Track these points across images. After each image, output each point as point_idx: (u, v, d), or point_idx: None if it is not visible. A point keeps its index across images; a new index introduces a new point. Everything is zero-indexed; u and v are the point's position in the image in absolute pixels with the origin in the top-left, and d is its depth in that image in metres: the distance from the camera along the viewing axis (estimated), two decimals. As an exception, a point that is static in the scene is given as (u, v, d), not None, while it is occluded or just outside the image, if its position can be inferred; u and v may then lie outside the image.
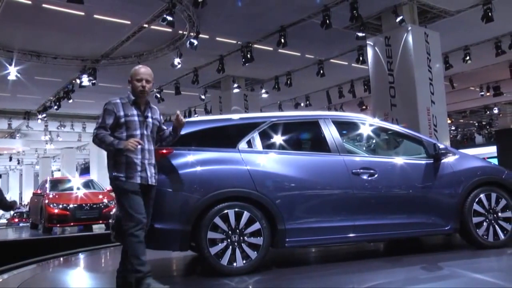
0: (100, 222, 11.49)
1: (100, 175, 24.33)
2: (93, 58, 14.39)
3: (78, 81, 15.26)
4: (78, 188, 12.85)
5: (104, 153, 3.92)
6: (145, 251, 3.67)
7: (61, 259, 6.71)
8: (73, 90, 16.58)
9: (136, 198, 3.69)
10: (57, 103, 17.85)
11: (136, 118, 3.83)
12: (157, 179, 3.93)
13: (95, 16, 11.18)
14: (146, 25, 11.88)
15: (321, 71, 15.53)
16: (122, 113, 3.79)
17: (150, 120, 3.94)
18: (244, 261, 4.17)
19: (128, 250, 3.65)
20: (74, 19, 11.18)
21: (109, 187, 14.37)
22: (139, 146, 3.73)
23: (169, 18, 10.26)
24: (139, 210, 3.65)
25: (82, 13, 10.91)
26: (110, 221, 4.84)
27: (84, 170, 37.61)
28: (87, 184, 13.85)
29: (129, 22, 11.71)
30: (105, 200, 11.80)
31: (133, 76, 3.91)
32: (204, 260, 4.17)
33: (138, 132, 3.82)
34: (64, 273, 5.79)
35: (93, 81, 14.74)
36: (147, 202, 3.82)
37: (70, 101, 17.07)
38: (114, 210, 4.96)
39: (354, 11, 10.60)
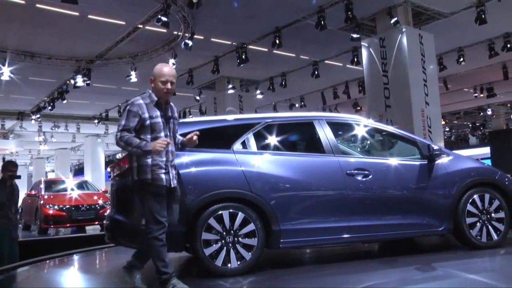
0: (96, 223, 11.47)
1: (94, 176, 24.27)
2: (87, 59, 14.33)
3: (72, 81, 15.16)
4: (72, 189, 12.82)
5: (98, 154, 3.91)
6: (167, 253, 3.67)
7: (56, 260, 6.68)
8: (67, 90, 16.48)
9: (161, 201, 3.66)
10: (51, 104, 17.74)
11: (160, 120, 3.74)
12: (177, 180, 3.90)
13: (90, 16, 11.13)
14: (140, 26, 11.84)
15: (316, 72, 15.55)
16: (147, 115, 3.68)
17: (171, 120, 3.88)
18: (238, 262, 4.17)
19: (151, 253, 3.65)
20: (68, 19, 11.12)
21: (103, 188, 14.38)
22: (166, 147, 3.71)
23: (164, 18, 10.22)
24: (163, 214, 3.64)
25: (77, 13, 10.85)
26: (104, 222, 4.83)
27: (78, 171, 37.44)
28: (82, 185, 13.83)
29: (123, 23, 11.68)
30: (100, 201, 11.78)
31: (157, 76, 3.76)
32: (199, 261, 4.17)
33: (162, 134, 3.74)
34: (58, 274, 5.76)
35: (88, 82, 14.66)
36: (170, 204, 3.81)
37: (64, 101, 16.97)
38: (108, 211, 4.95)
39: (349, 13, 10.62)
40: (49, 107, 18.05)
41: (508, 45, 13.66)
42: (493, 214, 4.98)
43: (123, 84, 16.41)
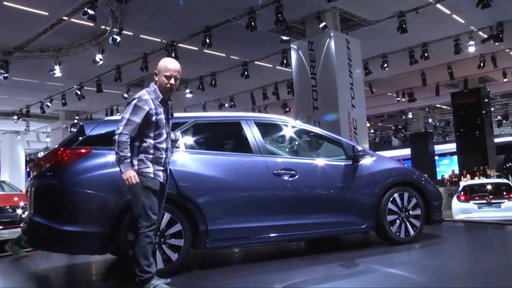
0: (20, 226, 10.74)
1: (13, 176, 22.82)
2: (4, 50, 13.41)
3: (-14, 74, 14.15)
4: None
5: (18, 152, 3.69)
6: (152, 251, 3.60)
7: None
8: (-18, 84, 15.42)
9: (156, 198, 3.59)
10: (-36, 98, 16.52)
11: (163, 116, 3.66)
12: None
13: (6, 3, 10.38)
14: (65, 18, 11.29)
15: (246, 73, 15.66)
16: (154, 111, 3.59)
17: (170, 117, 3.82)
18: (164, 263, 4.08)
19: (137, 249, 3.52)
20: (-19, 6, 10.36)
21: (24, 189, 13.53)
22: (164, 145, 3.66)
23: (91, 11, 9.83)
24: (155, 211, 3.58)
25: (-9, 0, 10.14)
26: (21, 225, 4.54)
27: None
28: (0, 186, 12.94)
29: (46, 13, 11.05)
30: (22, 203, 11.07)
31: (162, 70, 3.70)
32: (124, 263, 4.04)
33: (164, 130, 3.68)
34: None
35: (5, 75, 13.74)
36: (161, 201, 3.73)
37: (-21, 95, 15.88)
38: (26, 213, 4.66)
39: (279, 15, 10.79)
40: (-38, 101, 16.78)
41: (426, 54, 14.59)
42: (411, 212, 5.26)
43: (47, 79, 15.61)
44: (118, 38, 11.50)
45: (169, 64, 3.74)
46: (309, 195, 4.87)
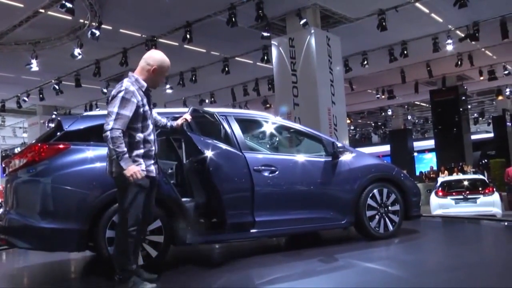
0: None
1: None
2: (-23, 43, 13.11)
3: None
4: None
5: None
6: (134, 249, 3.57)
7: None
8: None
9: (144, 196, 3.52)
10: None
11: (147, 107, 3.60)
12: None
13: (-23, -7, 10.16)
14: (42, 10, 11.07)
15: (226, 69, 15.63)
16: (141, 103, 3.52)
17: (153, 107, 3.80)
18: (143, 260, 4.05)
19: (117, 246, 3.48)
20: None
21: (1, 185, 13.24)
22: (152, 137, 3.61)
23: (69, 4, 9.65)
24: (142, 210, 3.51)
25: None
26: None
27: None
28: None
29: (22, 5, 10.80)
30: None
31: (164, 70, 3.73)
32: (103, 259, 4.00)
33: (149, 122, 3.62)
34: None
35: (-22, 68, 13.43)
36: (154, 194, 3.71)
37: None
38: (1, 210, 4.56)
39: (260, 11, 10.79)
40: None
41: (405, 52, 14.77)
42: (390, 207, 5.32)
43: (23, 73, 15.30)
44: (97, 32, 11.33)
45: (167, 63, 3.79)
46: (290, 191, 4.88)
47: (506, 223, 7.55)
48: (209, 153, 4.20)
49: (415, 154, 31.32)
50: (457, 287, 3.42)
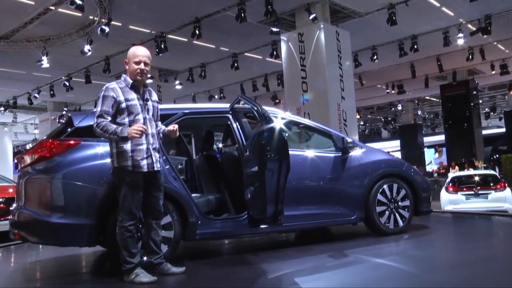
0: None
1: (1, 168, 22.55)
2: (-12, 40, 13.22)
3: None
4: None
5: (5, 144, 3.65)
6: (135, 243, 3.70)
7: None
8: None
9: (138, 192, 3.62)
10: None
11: (136, 102, 3.67)
12: (161, 163, 3.84)
13: (-10, -8, 10.25)
14: (52, 8, 11.14)
15: (236, 64, 15.62)
16: (122, 98, 3.62)
17: (150, 103, 3.81)
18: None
19: (118, 241, 3.61)
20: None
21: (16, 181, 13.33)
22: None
23: (78, 1, 9.72)
24: (138, 206, 3.62)
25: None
26: (10, 217, 4.49)
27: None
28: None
29: (33, 3, 10.88)
30: None
31: (130, 57, 3.77)
32: (112, 254, 4.03)
33: (140, 116, 3.67)
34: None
35: (-10, 65, 13.55)
36: (156, 188, 3.75)
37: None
38: (14, 205, 4.60)
39: (269, 6, 10.76)
40: None
41: (415, 46, 14.65)
42: (400, 203, 5.29)
43: (34, 70, 15.42)
44: (107, 29, 11.38)
45: (137, 50, 3.84)
46: (299, 187, 4.87)
47: (518, 219, 7.47)
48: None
49: (425, 149, 31.10)
50: (468, 283, 3.40)
